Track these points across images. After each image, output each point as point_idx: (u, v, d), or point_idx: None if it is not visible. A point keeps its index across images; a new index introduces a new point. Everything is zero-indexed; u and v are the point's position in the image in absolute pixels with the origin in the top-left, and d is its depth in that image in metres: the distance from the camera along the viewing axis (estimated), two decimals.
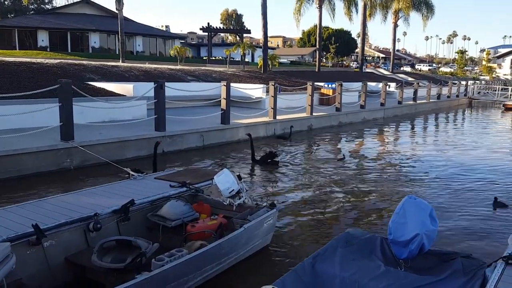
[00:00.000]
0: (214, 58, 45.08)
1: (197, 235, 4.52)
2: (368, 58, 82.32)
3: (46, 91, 9.19)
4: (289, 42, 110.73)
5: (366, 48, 60.80)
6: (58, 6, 49.74)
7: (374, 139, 15.91)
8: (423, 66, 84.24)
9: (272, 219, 5.27)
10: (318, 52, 37.69)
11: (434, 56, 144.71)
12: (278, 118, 14.68)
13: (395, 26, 43.55)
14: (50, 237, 4.08)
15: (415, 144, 15.09)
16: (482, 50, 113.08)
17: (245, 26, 77.94)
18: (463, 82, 39.26)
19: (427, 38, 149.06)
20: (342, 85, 18.38)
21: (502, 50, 78.61)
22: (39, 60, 18.93)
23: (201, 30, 50.55)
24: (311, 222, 6.58)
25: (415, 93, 25.95)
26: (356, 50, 71.49)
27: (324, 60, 58.90)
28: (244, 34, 55.89)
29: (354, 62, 68.93)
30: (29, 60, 17.99)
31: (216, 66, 32.18)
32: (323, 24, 39.00)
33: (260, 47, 35.11)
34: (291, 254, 5.37)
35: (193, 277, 4.09)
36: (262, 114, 14.51)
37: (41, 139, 8.71)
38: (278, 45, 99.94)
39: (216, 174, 5.46)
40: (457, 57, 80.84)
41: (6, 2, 51.88)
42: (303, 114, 16.26)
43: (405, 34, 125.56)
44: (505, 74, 67.30)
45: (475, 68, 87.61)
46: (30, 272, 3.88)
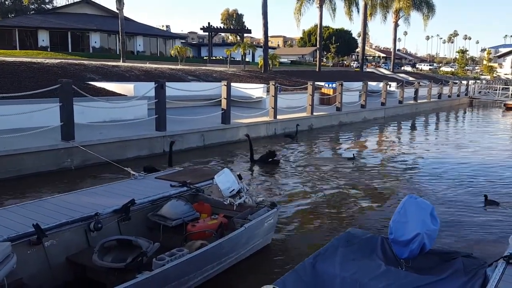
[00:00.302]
0: (214, 58, 45.09)
1: (197, 235, 4.52)
2: (368, 57, 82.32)
3: (47, 91, 9.19)
4: (289, 42, 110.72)
5: (366, 47, 60.82)
6: (59, 6, 49.78)
7: (375, 139, 15.90)
8: (424, 65, 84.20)
9: (272, 219, 5.27)
10: (318, 51, 37.68)
11: (435, 55, 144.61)
12: (278, 117, 14.69)
13: (396, 25, 43.53)
14: (51, 236, 4.08)
15: (416, 143, 15.08)
16: (483, 50, 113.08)
17: (245, 26, 77.88)
18: (464, 82, 39.26)
19: (428, 38, 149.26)
20: (342, 84, 18.38)
21: (503, 50, 78.62)
22: (40, 60, 18.94)
23: (201, 30, 50.59)
24: (312, 221, 6.58)
25: (416, 92, 25.92)
26: (356, 49, 71.42)
27: (324, 59, 58.84)
28: (244, 34, 55.90)
29: (355, 62, 68.90)
30: (29, 60, 18.00)
31: (216, 66, 32.18)
32: (324, 23, 39.00)
33: (260, 47, 35.13)
34: (292, 253, 5.37)
35: (193, 276, 4.09)
36: (262, 114, 14.51)
37: (41, 139, 8.71)
38: (278, 44, 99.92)
39: (216, 173, 5.46)
40: (458, 56, 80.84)
41: (6, 2, 51.88)
42: (304, 114, 16.25)
43: (405, 33, 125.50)
44: (506, 74, 67.28)
45: (476, 67, 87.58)
46: (31, 271, 3.89)
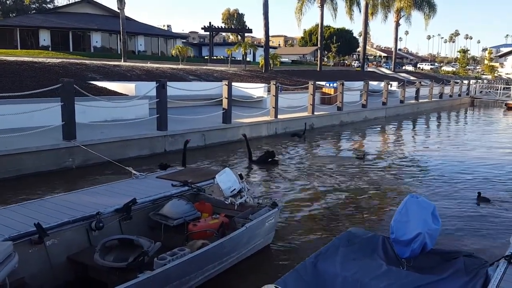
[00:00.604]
0: (215, 58, 45.12)
1: (199, 234, 4.52)
2: (370, 57, 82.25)
3: (48, 91, 9.20)
4: (290, 41, 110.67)
5: (367, 47, 60.82)
6: (60, 5, 49.82)
7: (376, 138, 15.88)
8: (425, 65, 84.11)
9: (273, 218, 5.27)
10: (319, 51, 37.66)
11: (436, 55, 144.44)
12: (279, 117, 14.69)
13: (397, 25, 43.45)
14: (52, 236, 4.08)
15: (417, 143, 15.07)
16: (484, 49, 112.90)
17: (246, 26, 77.89)
18: (465, 81, 39.19)
19: (429, 37, 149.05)
20: (343, 84, 18.37)
21: (504, 49, 78.50)
22: (41, 59, 18.96)
23: (202, 29, 50.61)
24: (313, 221, 6.58)
25: (417, 92, 25.87)
26: (357, 49, 71.32)
27: (325, 59, 58.82)
28: (245, 34, 55.86)
29: (356, 61, 68.85)
30: (31, 59, 18.02)
31: (217, 65, 32.20)
32: (325, 23, 38.98)
33: (261, 47, 35.11)
34: (293, 253, 5.37)
35: (195, 276, 4.10)
36: (263, 114, 14.51)
37: (43, 139, 8.72)
38: (279, 44, 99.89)
39: (217, 173, 5.46)
40: (459, 56, 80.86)
41: (8, 2, 51.93)
42: (305, 114, 16.25)
43: (407, 33, 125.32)
44: (507, 73, 67.14)
45: (477, 67, 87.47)
46: (33, 271, 3.89)
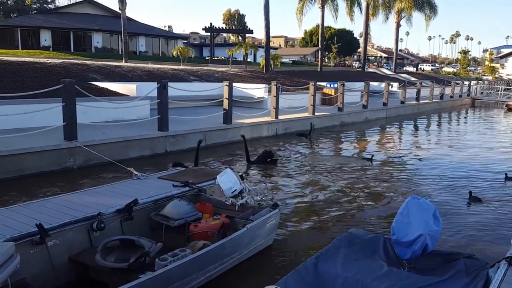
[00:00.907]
0: (216, 58, 45.17)
1: (200, 235, 4.53)
2: (370, 58, 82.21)
3: (50, 91, 9.20)
4: (291, 42, 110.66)
5: (368, 48, 60.87)
6: (61, 5, 49.91)
7: (376, 139, 15.88)
8: (426, 66, 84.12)
9: (274, 219, 5.27)
10: (320, 52, 37.66)
11: (437, 56, 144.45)
12: (280, 118, 14.69)
13: (398, 26, 43.41)
14: (53, 236, 4.09)
15: (418, 144, 15.06)
16: (485, 50, 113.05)
17: (247, 26, 77.92)
18: (466, 82, 39.18)
19: (430, 38, 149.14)
20: (344, 85, 18.37)
21: (505, 50, 78.44)
22: (42, 59, 18.97)
23: (203, 30, 50.70)
24: (314, 222, 6.58)
25: (418, 93, 25.86)
26: (358, 50, 71.35)
27: (326, 60, 58.83)
28: (246, 34, 55.96)
29: (357, 62, 68.83)
30: (32, 59, 18.03)
31: (218, 66, 32.21)
32: (326, 24, 38.99)
33: (262, 47, 35.09)
34: (294, 254, 5.37)
35: (196, 277, 4.10)
36: (264, 114, 14.52)
37: (44, 139, 8.73)
38: (280, 45, 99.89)
39: (218, 174, 5.47)
40: (460, 57, 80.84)
41: (9, 2, 52.02)
42: (305, 114, 16.25)
43: (407, 34, 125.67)
44: (508, 74, 67.07)
45: (478, 68, 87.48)
46: (34, 271, 3.90)
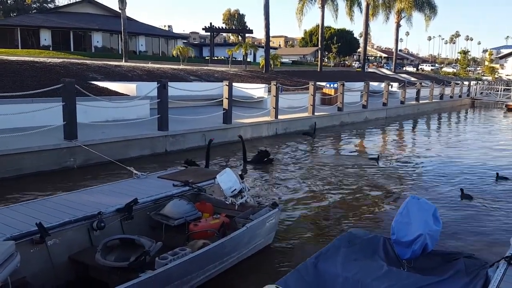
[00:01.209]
0: (216, 58, 45.16)
1: (199, 234, 4.54)
2: (370, 58, 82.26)
3: (50, 90, 9.21)
4: (291, 42, 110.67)
5: (368, 48, 60.87)
6: (61, 5, 49.94)
7: (376, 139, 15.89)
8: (426, 66, 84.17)
9: (274, 219, 5.28)
10: (320, 52, 37.67)
11: (437, 56, 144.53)
12: (280, 117, 14.70)
13: (398, 26, 43.42)
14: (54, 235, 4.09)
15: (418, 144, 15.07)
16: (484, 51, 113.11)
17: (247, 26, 77.91)
18: (466, 83, 39.19)
19: (430, 38, 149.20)
20: (344, 85, 18.38)
21: (505, 51, 78.56)
22: (42, 59, 18.97)
23: (203, 30, 50.67)
24: (314, 221, 6.59)
25: (418, 93, 25.87)
26: (358, 50, 71.34)
27: (326, 60, 58.85)
28: (246, 34, 55.93)
29: (356, 62, 68.88)
30: (32, 59, 18.03)
31: (218, 66, 32.21)
32: (326, 24, 39.00)
33: (262, 47, 35.10)
34: (293, 253, 5.38)
35: (196, 275, 4.11)
36: (264, 114, 14.53)
37: (44, 138, 8.73)
38: (280, 45, 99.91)
39: (218, 173, 5.47)
40: (459, 57, 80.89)
41: (8, 1, 52.01)
42: (305, 114, 16.26)
43: (407, 34, 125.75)
44: (507, 75, 67.13)
45: (478, 68, 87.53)
46: (34, 270, 3.90)
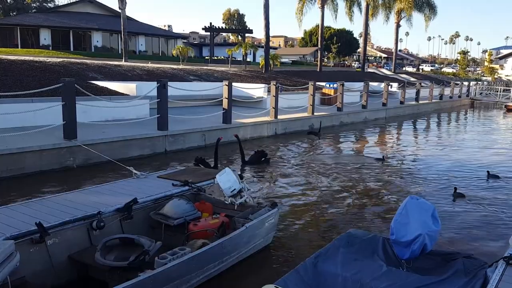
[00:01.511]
0: (216, 58, 45.15)
1: (199, 234, 4.54)
2: (370, 58, 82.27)
3: (49, 90, 9.22)
4: (290, 42, 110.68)
5: (368, 48, 60.88)
6: (61, 4, 49.95)
7: (375, 139, 15.90)
8: (426, 66, 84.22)
9: (273, 219, 5.29)
10: (319, 52, 37.67)
11: (437, 56, 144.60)
12: (279, 117, 14.71)
13: (398, 26, 43.42)
14: (53, 235, 4.10)
15: (417, 144, 15.08)
16: (484, 51, 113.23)
17: (247, 26, 77.93)
18: (465, 83, 39.21)
19: (430, 39, 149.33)
20: (343, 85, 18.39)
21: (504, 51, 78.51)
22: (42, 58, 18.96)
23: (203, 30, 50.66)
24: (313, 221, 6.59)
25: (417, 93, 25.89)
26: (358, 50, 71.39)
27: (325, 60, 58.88)
28: (246, 34, 55.94)
29: (356, 62, 68.92)
30: (31, 58, 18.02)
31: (218, 65, 32.23)
32: (325, 24, 38.99)
33: (262, 47, 35.09)
34: (293, 253, 5.38)
35: (195, 275, 4.11)
36: (263, 114, 14.53)
37: (44, 138, 8.73)
38: (279, 45, 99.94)
39: (218, 173, 5.48)
40: (459, 57, 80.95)
41: (8, 0, 51.94)
42: (305, 114, 16.27)
43: (407, 34, 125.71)
44: (507, 75, 67.16)
45: (477, 69, 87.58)
46: (34, 270, 3.91)
